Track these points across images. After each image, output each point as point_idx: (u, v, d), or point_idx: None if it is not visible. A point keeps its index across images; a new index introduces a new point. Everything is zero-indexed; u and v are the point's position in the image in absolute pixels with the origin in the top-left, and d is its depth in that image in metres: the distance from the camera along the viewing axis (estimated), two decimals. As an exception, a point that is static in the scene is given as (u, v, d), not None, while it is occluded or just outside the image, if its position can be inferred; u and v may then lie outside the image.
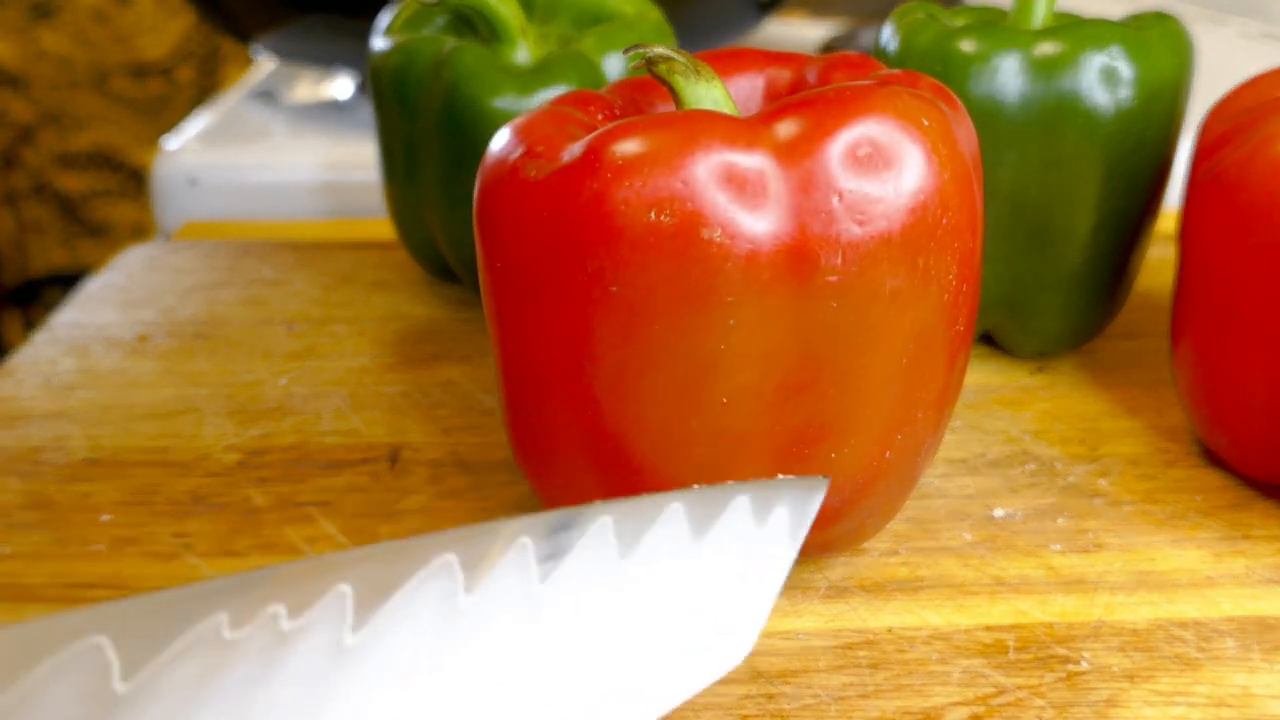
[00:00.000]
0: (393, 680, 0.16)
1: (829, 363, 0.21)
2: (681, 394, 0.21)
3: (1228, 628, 0.25)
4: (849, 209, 0.20)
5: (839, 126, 0.20)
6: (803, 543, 0.25)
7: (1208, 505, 0.29)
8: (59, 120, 1.43)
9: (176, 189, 0.54)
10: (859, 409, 0.22)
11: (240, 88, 0.68)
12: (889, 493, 0.24)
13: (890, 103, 0.21)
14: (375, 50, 0.39)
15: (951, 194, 0.21)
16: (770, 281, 0.20)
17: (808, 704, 0.23)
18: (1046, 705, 0.23)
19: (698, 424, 0.22)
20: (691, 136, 0.20)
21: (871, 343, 0.21)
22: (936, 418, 0.24)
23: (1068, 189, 0.33)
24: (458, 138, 0.36)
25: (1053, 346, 0.37)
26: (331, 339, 0.39)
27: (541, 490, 0.25)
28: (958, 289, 0.22)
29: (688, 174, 0.20)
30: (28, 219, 1.47)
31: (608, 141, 0.20)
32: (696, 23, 0.58)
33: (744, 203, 0.20)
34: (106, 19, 1.40)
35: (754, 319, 0.21)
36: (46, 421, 0.34)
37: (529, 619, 0.17)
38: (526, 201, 0.21)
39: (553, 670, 0.18)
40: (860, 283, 0.21)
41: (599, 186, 0.20)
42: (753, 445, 0.22)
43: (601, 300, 0.21)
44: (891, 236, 0.20)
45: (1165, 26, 0.33)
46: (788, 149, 0.20)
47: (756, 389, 0.21)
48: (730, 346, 0.21)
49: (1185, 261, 0.30)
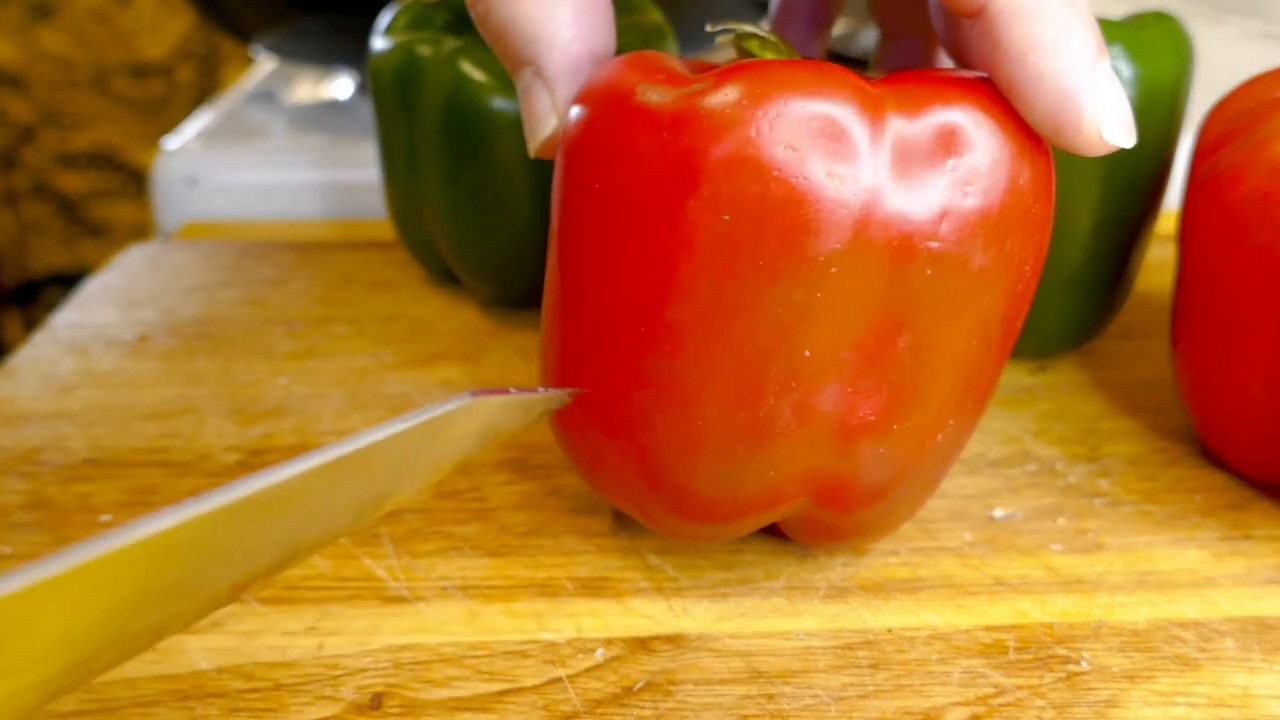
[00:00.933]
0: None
1: (911, 331, 0.22)
2: (768, 337, 0.21)
3: (1228, 628, 0.25)
4: (957, 179, 0.21)
5: (956, 101, 0.21)
6: (839, 527, 0.25)
7: (1208, 505, 0.29)
8: (59, 120, 1.43)
9: (176, 189, 0.54)
10: (927, 384, 0.22)
11: (240, 88, 0.68)
12: (925, 478, 0.24)
13: (983, 91, 0.21)
14: (375, 50, 0.39)
15: (1039, 185, 0.22)
16: (875, 238, 0.21)
17: (808, 704, 0.23)
18: (1046, 705, 0.23)
19: (776, 371, 0.22)
20: (821, 83, 0.20)
21: (951, 318, 0.22)
22: (979, 408, 0.24)
23: (1067, 189, 0.33)
24: (458, 138, 0.36)
25: (1053, 346, 0.37)
26: (331, 339, 0.39)
27: (571, 433, 0.25)
28: (1029, 281, 0.23)
29: (815, 117, 0.20)
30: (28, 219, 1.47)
31: (739, 74, 0.21)
32: (696, 23, 0.58)
33: (863, 158, 0.20)
34: (106, 19, 1.40)
35: (854, 272, 0.21)
36: (46, 421, 0.34)
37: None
38: (644, 124, 0.21)
39: None
40: (956, 254, 0.21)
41: (729, 113, 0.20)
42: (823, 402, 0.22)
43: (710, 228, 0.21)
44: (991, 213, 0.21)
45: (1165, 26, 0.33)
46: (907, 113, 0.21)
47: (840, 344, 0.22)
48: (826, 296, 0.21)
49: (1185, 261, 0.30)
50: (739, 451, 0.22)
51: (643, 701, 0.23)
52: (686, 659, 0.24)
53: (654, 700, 0.23)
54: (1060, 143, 0.21)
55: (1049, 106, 0.21)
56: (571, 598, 0.26)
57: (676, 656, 0.24)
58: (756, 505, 0.23)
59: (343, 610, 0.25)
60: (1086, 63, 0.21)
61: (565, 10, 0.23)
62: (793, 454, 0.22)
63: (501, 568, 0.27)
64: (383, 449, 0.16)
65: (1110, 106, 0.21)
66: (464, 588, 0.26)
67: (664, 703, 0.23)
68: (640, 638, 0.25)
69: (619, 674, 0.23)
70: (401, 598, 0.26)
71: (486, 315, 0.41)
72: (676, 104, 0.21)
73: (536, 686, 0.23)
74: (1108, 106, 0.21)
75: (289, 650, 0.24)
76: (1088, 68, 0.21)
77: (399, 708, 0.23)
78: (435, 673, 0.23)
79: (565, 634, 0.25)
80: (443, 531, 0.28)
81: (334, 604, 0.26)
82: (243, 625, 0.25)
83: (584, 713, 0.22)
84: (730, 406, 0.22)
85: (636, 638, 0.25)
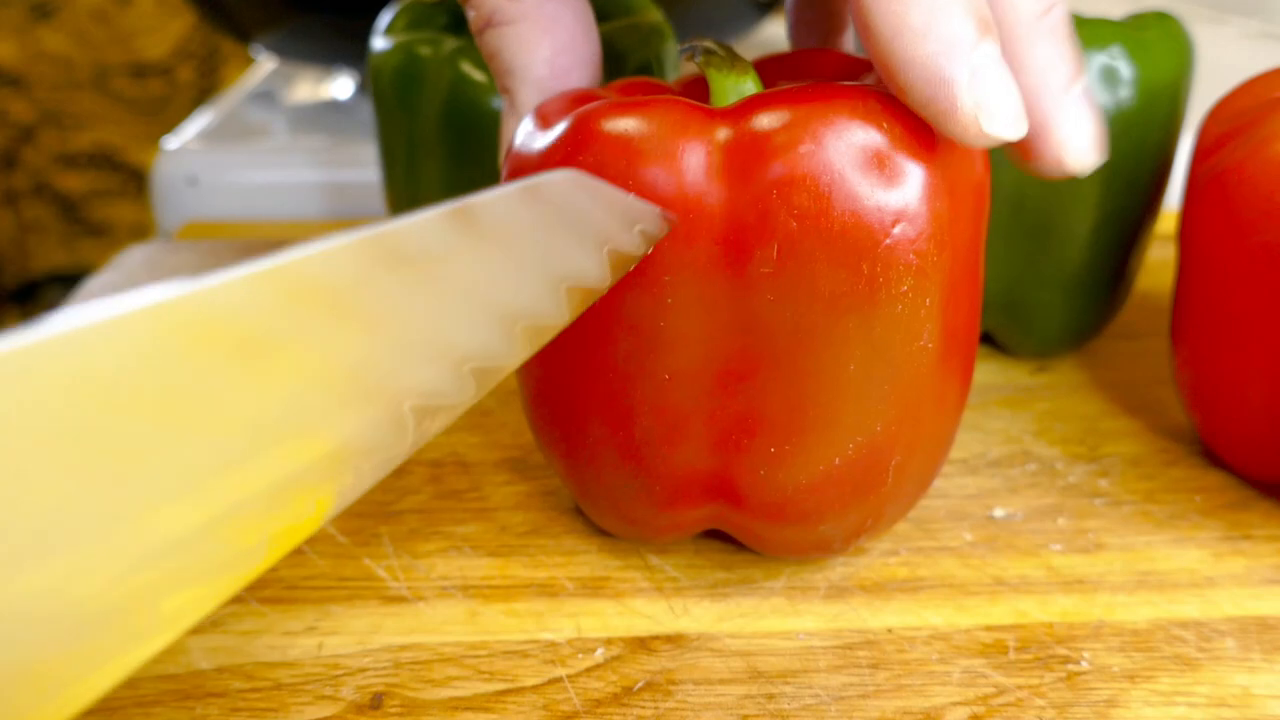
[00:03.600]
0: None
1: (768, 357, 0.22)
2: (628, 365, 0.22)
3: (1228, 628, 0.25)
4: (788, 204, 0.20)
5: (794, 123, 0.20)
6: (767, 539, 0.25)
7: (1208, 505, 0.29)
8: (59, 120, 1.43)
9: (176, 189, 0.54)
10: (800, 409, 0.22)
11: (240, 88, 0.68)
12: (851, 503, 0.23)
13: (852, 103, 0.20)
14: (375, 50, 0.39)
15: (909, 202, 0.20)
16: (707, 266, 0.21)
17: (808, 704, 0.23)
18: (1046, 705, 0.23)
19: (641, 395, 0.23)
20: (648, 120, 0.21)
21: (811, 343, 0.21)
22: (910, 434, 0.23)
23: (1068, 189, 0.33)
24: (458, 138, 0.36)
25: (1053, 346, 0.37)
26: (331, 339, 0.39)
27: (540, 438, 0.26)
28: (918, 302, 0.21)
29: (634, 154, 0.21)
30: (28, 219, 1.47)
31: (584, 117, 0.22)
32: (696, 23, 0.58)
33: (686, 187, 0.21)
34: (106, 19, 1.40)
35: (691, 301, 0.21)
36: (46, 421, 0.33)
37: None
38: (526, 172, 0.23)
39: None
40: (797, 279, 0.21)
41: (561, 157, 0.21)
42: (694, 425, 0.23)
43: None
44: (829, 236, 0.20)
45: (1165, 26, 0.33)
46: (741, 141, 0.21)
47: (696, 371, 0.22)
48: (669, 325, 0.22)
49: (1185, 261, 0.30)
50: (628, 464, 0.24)
51: (643, 701, 0.23)
52: (686, 659, 0.24)
53: (654, 700, 0.23)
54: (944, 132, 0.20)
55: (922, 93, 0.19)
56: (571, 598, 0.26)
57: (676, 656, 0.24)
58: (661, 506, 0.24)
59: (343, 610, 0.25)
60: (963, 47, 0.19)
61: (544, 49, 0.25)
62: (680, 465, 0.23)
63: (501, 568, 0.27)
64: (492, 208, 0.16)
65: (992, 94, 0.19)
66: (464, 588, 0.26)
67: (664, 703, 0.23)
68: (640, 638, 0.25)
69: (619, 674, 0.23)
70: (401, 598, 0.26)
71: (486, 315, 0.41)
72: (544, 150, 0.22)
73: (536, 686, 0.23)
74: (988, 94, 0.19)
75: (289, 650, 0.24)
76: (964, 52, 0.19)
77: (399, 708, 0.23)
78: (435, 672, 0.23)
79: (565, 634, 0.25)
80: (443, 531, 0.28)
81: (334, 604, 0.26)
82: (243, 625, 0.25)
83: (584, 713, 0.22)
84: (612, 425, 0.23)
85: (636, 638, 0.25)
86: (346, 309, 0.13)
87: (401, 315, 0.14)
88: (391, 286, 0.14)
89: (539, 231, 0.18)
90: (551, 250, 0.18)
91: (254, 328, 0.12)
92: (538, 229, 0.18)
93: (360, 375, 0.13)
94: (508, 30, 0.25)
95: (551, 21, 0.25)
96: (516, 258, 0.17)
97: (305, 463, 0.12)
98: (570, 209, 0.19)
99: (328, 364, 0.13)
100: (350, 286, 0.13)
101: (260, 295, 0.12)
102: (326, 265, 0.13)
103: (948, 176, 0.21)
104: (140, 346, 0.10)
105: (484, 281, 0.16)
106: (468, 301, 0.16)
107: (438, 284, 0.15)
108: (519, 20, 0.25)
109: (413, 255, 0.14)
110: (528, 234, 0.17)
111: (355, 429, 0.13)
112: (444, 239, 0.15)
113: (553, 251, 0.18)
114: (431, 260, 0.15)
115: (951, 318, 0.22)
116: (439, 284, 0.15)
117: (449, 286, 0.15)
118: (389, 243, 0.14)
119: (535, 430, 0.26)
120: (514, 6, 0.25)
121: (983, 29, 0.19)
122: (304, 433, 0.12)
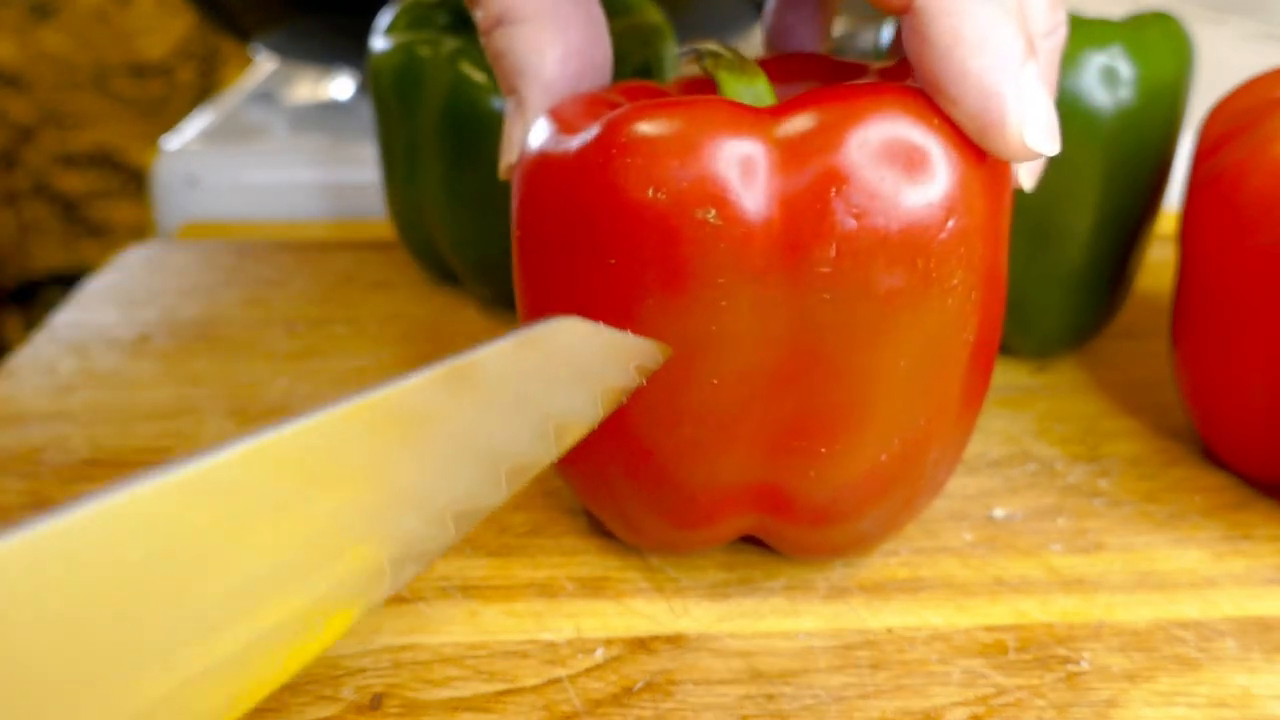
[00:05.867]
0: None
1: (821, 357, 0.21)
2: (675, 372, 0.22)
3: (1228, 628, 0.25)
4: (846, 203, 0.20)
5: (848, 122, 0.20)
6: (808, 542, 0.25)
7: (1208, 505, 0.29)
8: (59, 120, 1.43)
9: (176, 189, 0.54)
10: (853, 408, 0.22)
11: (240, 88, 0.68)
12: (891, 498, 0.24)
13: (900, 103, 0.21)
14: (375, 50, 0.39)
15: (959, 197, 0.21)
16: (763, 268, 0.20)
17: (808, 704, 0.23)
18: (1046, 705, 0.23)
19: (686, 402, 0.22)
20: (695, 120, 0.20)
21: (865, 341, 0.21)
22: (947, 427, 0.23)
23: (1068, 189, 0.33)
24: (458, 138, 0.36)
25: (1053, 346, 0.37)
26: (331, 339, 0.39)
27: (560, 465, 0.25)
28: (965, 295, 0.22)
29: (686, 155, 0.20)
30: (28, 219, 1.47)
31: (621, 120, 0.21)
32: (696, 23, 0.58)
33: (740, 188, 0.20)
34: (106, 19, 1.40)
35: (745, 303, 0.21)
36: (46, 421, 0.34)
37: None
38: (549, 177, 0.22)
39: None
40: (854, 278, 0.20)
41: (603, 161, 0.21)
42: (742, 430, 0.22)
43: (602, 272, 0.21)
44: (888, 235, 0.20)
45: (1165, 26, 0.33)
46: (793, 141, 0.20)
47: (747, 374, 0.22)
48: (721, 328, 0.21)
49: (1185, 261, 0.30)
50: (670, 473, 0.23)
51: (643, 701, 0.23)
52: (686, 659, 0.24)
53: (654, 700, 0.23)
54: (984, 144, 0.21)
55: (973, 105, 0.20)
56: (571, 598, 0.26)
57: (676, 656, 0.24)
58: (700, 519, 0.24)
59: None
60: (1013, 63, 0.20)
61: (555, 49, 0.25)
62: (722, 474, 0.23)
63: (501, 568, 0.27)
64: (489, 364, 0.17)
65: (1035, 111, 0.20)
66: (464, 588, 0.26)
67: (664, 703, 0.23)
68: (640, 638, 0.25)
69: (619, 674, 0.23)
70: (401, 598, 0.26)
71: (486, 315, 0.41)
72: (573, 154, 0.22)
73: (536, 686, 0.23)
74: (1032, 110, 0.20)
75: (289, 650, 0.24)
76: (1014, 68, 0.20)
77: (399, 708, 0.23)
78: (435, 673, 0.23)
79: (565, 634, 0.25)
80: (443, 531, 0.28)
81: (334, 604, 0.26)
82: (243, 625, 0.25)
83: (584, 713, 0.22)
84: (655, 432, 0.23)
85: (636, 638, 0.25)
86: (338, 474, 0.14)
87: (391, 474, 0.15)
88: (388, 447, 0.15)
89: (534, 384, 0.19)
90: (545, 399, 0.19)
91: (249, 499, 0.13)
92: (533, 382, 0.18)
93: (344, 531, 0.14)
94: (520, 29, 0.25)
95: (565, 23, 0.25)
96: (510, 412, 0.18)
97: (276, 621, 0.13)
98: (567, 356, 0.19)
99: (314, 525, 0.14)
100: (344, 452, 0.14)
101: (253, 467, 0.13)
102: (321, 435, 0.14)
103: (985, 171, 0.22)
104: (145, 524, 0.12)
105: (475, 436, 0.17)
106: (457, 456, 0.16)
107: (431, 443, 0.16)
108: (533, 19, 0.24)
109: (409, 417, 0.15)
110: (523, 388, 0.18)
111: (332, 586, 0.14)
112: (440, 400, 0.16)
113: (547, 400, 0.19)
114: (426, 421, 0.15)
115: (987, 310, 0.23)
116: (432, 443, 0.16)
117: (441, 444, 0.16)
118: (387, 406, 0.14)
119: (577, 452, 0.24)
120: (528, 5, 0.24)
121: (1029, 48, 0.20)
122: (284, 589, 0.14)
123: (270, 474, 0.13)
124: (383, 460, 0.15)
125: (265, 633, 0.13)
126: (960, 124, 0.21)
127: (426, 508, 0.16)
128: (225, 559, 0.12)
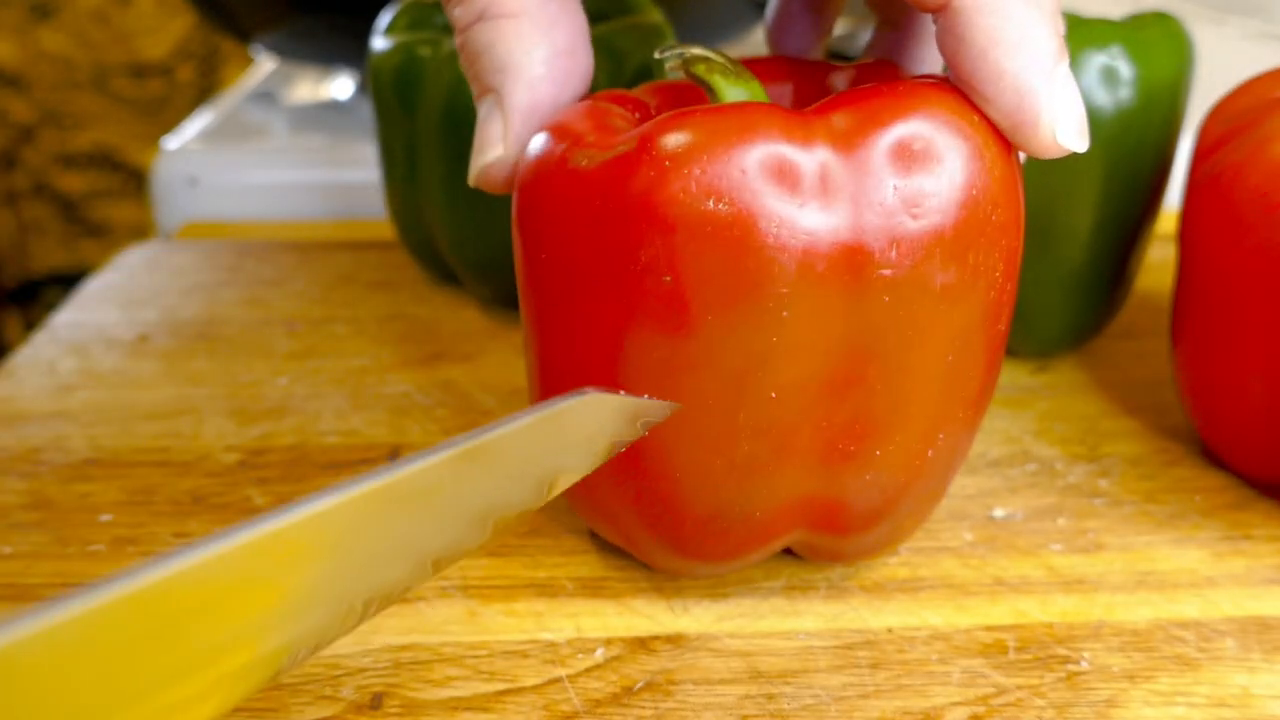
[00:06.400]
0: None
1: (878, 358, 0.21)
2: (730, 387, 0.21)
3: (1228, 628, 0.25)
4: (904, 202, 0.20)
5: (893, 119, 0.20)
6: (843, 549, 0.25)
7: (1208, 505, 0.29)
8: (59, 120, 1.43)
9: (176, 189, 0.54)
10: (904, 405, 0.22)
11: (240, 88, 0.68)
12: (927, 492, 0.24)
13: (940, 99, 0.21)
14: (375, 50, 0.39)
15: (999, 191, 0.21)
16: (825, 274, 0.20)
17: (808, 704, 0.23)
18: (1046, 705, 0.23)
19: (745, 418, 0.21)
20: (748, 126, 0.20)
21: (919, 339, 0.21)
22: (975, 416, 0.24)
23: (1068, 189, 0.33)
24: (458, 138, 0.36)
25: (1053, 346, 0.37)
26: (331, 339, 0.39)
27: (572, 497, 0.25)
28: (1003, 287, 0.22)
29: (746, 163, 0.20)
30: (28, 219, 1.47)
31: (663, 130, 0.20)
32: (696, 23, 0.58)
33: (800, 194, 0.20)
34: (106, 19, 1.40)
35: (807, 312, 0.20)
36: (46, 421, 0.34)
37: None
38: (575, 191, 0.21)
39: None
40: (913, 277, 0.20)
41: (655, 174, 0.20)
42: (800, 440, 0.22)
43: (653, 292, 0.20)
44: (945, 231, 0.20)
45: (1165, 26, 0.33)
46: (843, 141, 0.20)
47: (805, 383, 0.21)
48: (782, 339, 0.20)
49: (1185, 261, 0.30)
50: (722, 495, 0.22)
51: (643, 701, 0.23)
52: (686, 659, 0.24)
53: (654, 700, 0.23)
54: (1017, 142, 0.21)
55: (1008, 104, 0.21)
56: (571, 598, 0.26)
57: (676, 656, 0.24)
58: (750, 542, 0.23)
59: (343, 610, 0.25)
60: (1048, 63, 0.21)
61: (541, 49, 0.24)
62: (778, 491, 0.22)
63: (501, 568, 0.27)
64: (506, 441, 0.17)
65: (1067, 109, 0.21)
66: (464, 588, 0.26)
67: (664, 703, 0.23)
68: (640, 638, 0.25)
69: (619, 674, 0.23)
70: (401, 598, 0.26)
71: (486, 315, 0.41)
72: (605, 168, 0.21)
73: (536, 686, 0.23)
74: (1064, 109, 0.21)
75: (289, 650, 0.24)
76: (1048, 68, 0.21)
77: (399, 708, 0.23)
78: (435, 673, 0.23)
79: (565, 634, 0.25)
80: (443, 531, 0.28)
81: (334, 604, 0.26)
82: (243, 625, 0.25)
83: (584, 713, 0.22)
84: (706, 453, 0.22)
85: (636, 638, 0.25)
86: (347, 555, 0.15)
87: (388, 557, 0.16)
88: (387, 535, 0.15)
89: (545, 457, 0.18)
90: (552, 465, 0.19)
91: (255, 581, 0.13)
92: (545, 455, 0.18)
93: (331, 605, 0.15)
94: (504, 24, 0.24)
95: (552, 22, 0.24)
96: (515, 481, 0.18)
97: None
98: (583, 427, 0.19)
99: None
100: (354, 540, 0.14)
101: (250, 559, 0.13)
102: (336, 518, 0.14)
103: (1015, 164, 0.22)
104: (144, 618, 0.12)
105: (475, 502, 0.17)
106: (454, 519, 0.17)
107: (431, 513, 0.16)
108: (518, 15, 0.24)
109: (415, 495, 0.15)
110: (533, 462, 0.18)
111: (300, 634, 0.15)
112: (448, 478, 0.16)
113: (553, 465, 0.19)
114: (430, 495, 0.16)
115: (1013, 301, 0.23)
116: (432, 513, 0.16)
117: (440, 512, 0.16)
118: (395, 490, 0.15)
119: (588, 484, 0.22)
120: (514, 1, 0.24)
121: (1061, 49, 0.21)
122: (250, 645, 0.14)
123: (276, 559, 0.13)
124: (390, 535, 0.15)
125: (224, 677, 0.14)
126: (993, 120, 0.21)
127: (413, 559, 0.16)
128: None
